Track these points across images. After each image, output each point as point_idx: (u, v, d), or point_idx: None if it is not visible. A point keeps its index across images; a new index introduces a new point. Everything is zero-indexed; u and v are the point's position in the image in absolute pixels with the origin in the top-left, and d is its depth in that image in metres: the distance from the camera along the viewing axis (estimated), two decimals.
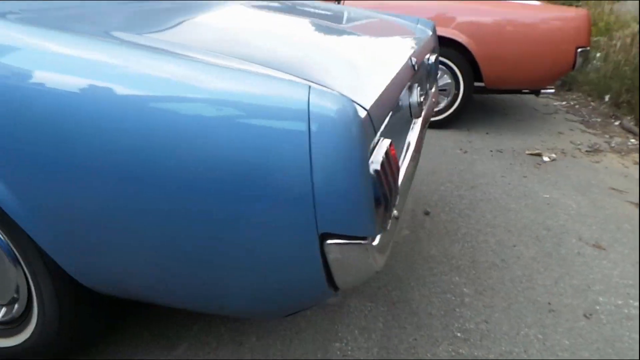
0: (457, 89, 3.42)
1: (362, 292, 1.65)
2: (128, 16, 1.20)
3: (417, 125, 1.48)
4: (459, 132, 3.46)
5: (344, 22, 1.69)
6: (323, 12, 1.85)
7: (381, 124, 0.90)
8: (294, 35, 1.30)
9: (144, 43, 0.92)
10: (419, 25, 1.93)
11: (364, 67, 1.10)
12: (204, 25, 1.23)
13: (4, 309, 1.19)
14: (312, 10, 1.83)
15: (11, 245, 1.06)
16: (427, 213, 2.24)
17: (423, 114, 1.57)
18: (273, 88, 0.77)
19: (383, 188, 0.81)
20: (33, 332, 1.16)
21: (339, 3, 3.48)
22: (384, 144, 0.87)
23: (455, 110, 3.46)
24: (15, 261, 1.09)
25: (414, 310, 1.59)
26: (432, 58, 1.77)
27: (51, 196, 0.89)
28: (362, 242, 0.79)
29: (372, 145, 0.84)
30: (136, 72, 0.82)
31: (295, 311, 1.00)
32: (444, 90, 3.43)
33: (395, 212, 0.96)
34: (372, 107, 0.86)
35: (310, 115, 0.73)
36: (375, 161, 0.81)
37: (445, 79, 3.40)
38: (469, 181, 2.63)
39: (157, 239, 0.88)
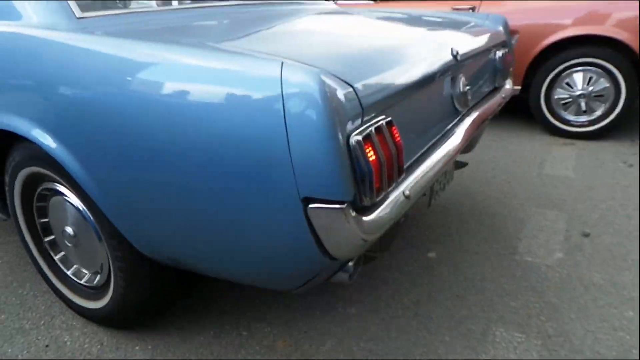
0: (617, 93, 2.97)
1: (508, 321, 1.45)
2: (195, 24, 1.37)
3: (469, 118, 1.47)
4: (621, 143, 2.99)
5: (406, 21, 1.72)
6: (401, 15, 1.91)
7: (375, 102, 0.94)
8: (342, 32, 1.39)
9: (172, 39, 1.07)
10: (486, 21, 1.90)
11: (377, 53, 1.14)
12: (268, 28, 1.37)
13: (91, 276, 1.46)
14: (387, 14, 1.91)
15: (96, 224, 1.26)
16: (586, 235, 1.93)
17: (482, 108, 1.57)
18: (254, 65, 0.88)
19: (367, 160, 0.86)
20: (109, 299, 1.38)
21: (473, 11, 3.30)
22: (378, 120, 0.92)
23: (615, 118, 3.00)
24: (99, 238, 1.30)
25: (577, 346, 1.35)
26: (500, 53, 1.75)
27: (120, 179, 1.07)
28: (339, 206, 0.85)
29: (360, 119, 0.89)
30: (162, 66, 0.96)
31: (304, 281, 1.05)
32: (600, 96, 3.01)
33: (407, 191, 1.01)
34: (361, 84, 0.92)
35: (282, 87, 0.82)
36: (360, 133, 0.86)
37: (601, 84, 2.98)
38: (638, 199, 2.23)
39: (182, 210, 1.03)
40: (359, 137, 0.85)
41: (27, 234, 1.52)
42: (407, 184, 1.05)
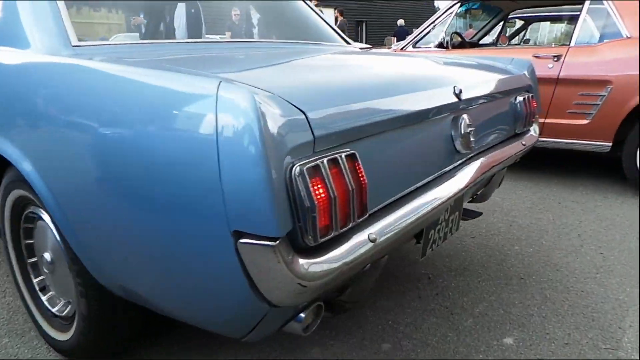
0: None
1: None
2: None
3: (475, 162, 1.38)
4: None
5: (421, 62, 1.68)
6: (421, 57, 1.86)
7: (334, 132, 0.87)
8: (331, 66, 1.33)
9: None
10: (509, 65, 1.82)
11: (355, 86, 1.07)
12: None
13: (63, 306, 1.38)
14: (409, 56, 1.90)
15: (67, 253, 1.21)
16: None
17: (495, 153, 1.49)
18: (193, 83, 0.84)
19: (310, 194, 0.77)
20: (73, 333, 1.31)
21: (557, 60, 3.01)
22: (335, 152, 0.85)
23: None
24: (70, 267, 1.24)
25: None
26: (520, 98, 1.68)
27: (74, 201, 1.08)
28: (269, 243, 0.76)
29: (311, 149, 0.82)
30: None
31: (249, 328, 0.94)
32: None
33: (373, 235, 0.92)
34: (318, 112, 0.84)
35: (217, 106, 0.77)
36: (305, 163, 0.78)
37: None
38: None
39: (124, 235, 0.99)
40: (303, 168, 0.77)
41: (12, 252, 1.50)
42: (378, 227, 0.95)
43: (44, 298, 1.44)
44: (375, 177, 0.97)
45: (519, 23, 6.03)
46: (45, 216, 1.29)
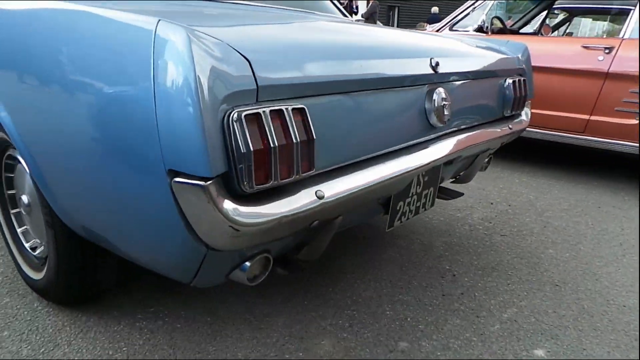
0: None
1: None
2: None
3: (452, 138, 1.34)
4: None
5: (408, 35, 1.53)
6: (413, 32, 1.73)
7: (281, 85, 0.85)
8: (306, 30, 1.24)
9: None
10: (503, 47, 1.77)
11: (317, 47, 1.04)
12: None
13: (39, 246, 1.42)
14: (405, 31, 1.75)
15: (38, 194, 1.23)
16: None
17: (476, 132, 1.45)
18: (131, 21, 0.83)
19: (246, 141, 0.77)
20: (45, 273, 1.34)
21: (609, 52, 2.77)
22: (282, 105, 0.84)
23: None
24: (41, 209, 1.26)
25: None
26: (510, 80, 1.64)
27: (38, 140, 1.09)
28: (200, 182, 0.77)
29: (254, 97, 0.81)
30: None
31: (193, 272, 0.94)
32: None
33: (320, 191, 0.92)
34: (264, 62, 0.83)
35: (155, 44, 0.77)
36: (244, 110, 0.78)
37: None
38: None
39: (79, 174, 1.01)
40: (241, 115, 0.77)
41: None
42: (330, 185, 0.94)
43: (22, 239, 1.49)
44: (332, 136, 0.97)
45: (561, 16, 5.70)
46: (22, 159, 1.28)
